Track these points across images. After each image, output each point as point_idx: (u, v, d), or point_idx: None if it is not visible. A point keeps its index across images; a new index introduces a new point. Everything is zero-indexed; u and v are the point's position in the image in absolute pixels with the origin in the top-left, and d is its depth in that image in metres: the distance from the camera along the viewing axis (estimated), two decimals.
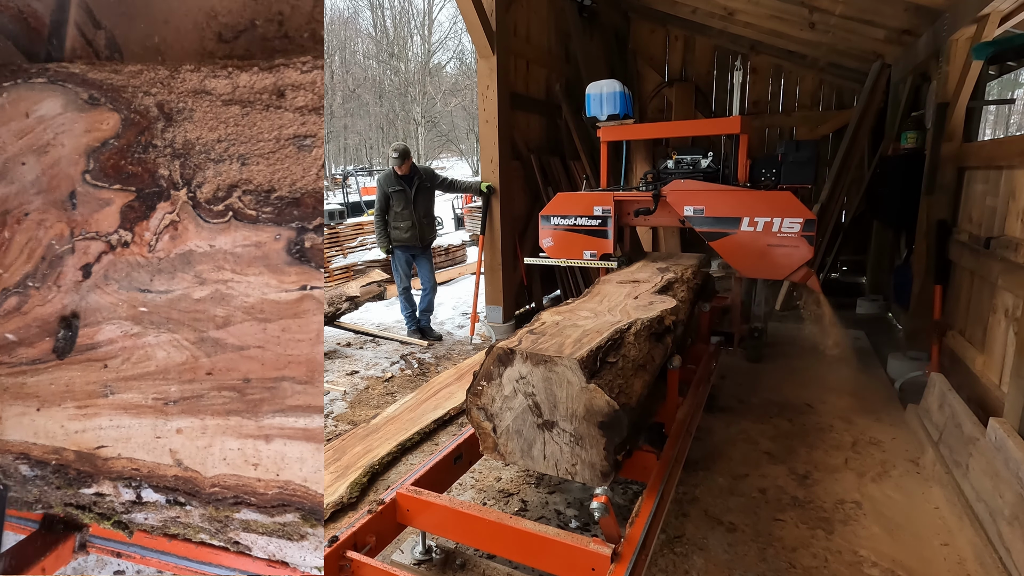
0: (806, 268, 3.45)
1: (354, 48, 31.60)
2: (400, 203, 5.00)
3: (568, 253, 4.15)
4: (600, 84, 4.34)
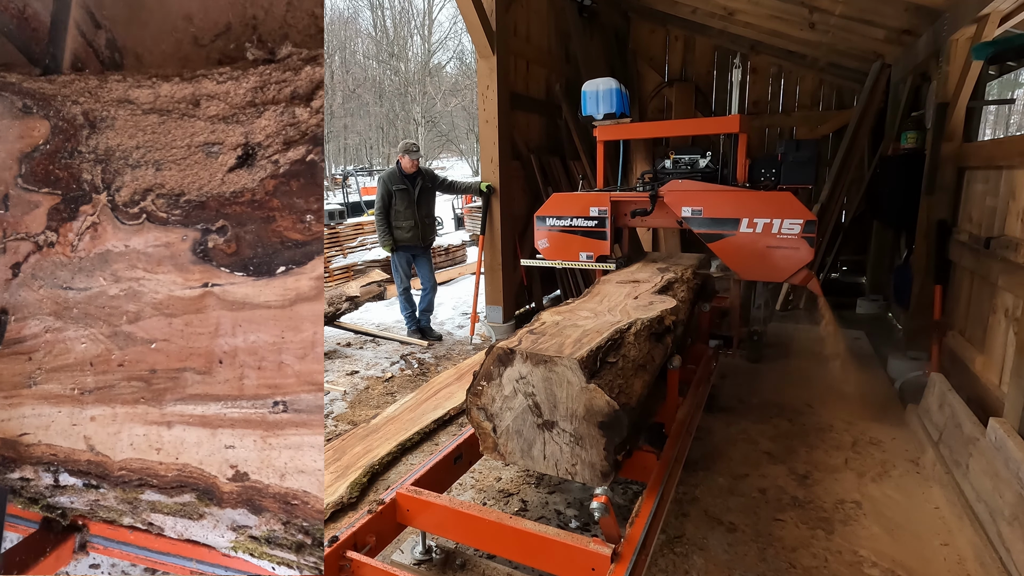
0: (806, 270, 3.38)
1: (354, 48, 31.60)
2: (403, 202, 5.01)
3: (564, 255, 4.09)
4: (596, 82, 4.25)
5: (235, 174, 1.37)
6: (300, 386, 1.27)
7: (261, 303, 1.30)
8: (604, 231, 3.92)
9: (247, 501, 1.33)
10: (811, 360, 4.54)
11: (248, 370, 1.33)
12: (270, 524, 1.31)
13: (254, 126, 1.37)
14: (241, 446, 1.33)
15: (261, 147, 1.37)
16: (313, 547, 1.23)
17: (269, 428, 1.30)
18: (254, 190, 1.34)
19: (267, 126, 1.37)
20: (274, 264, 1.31)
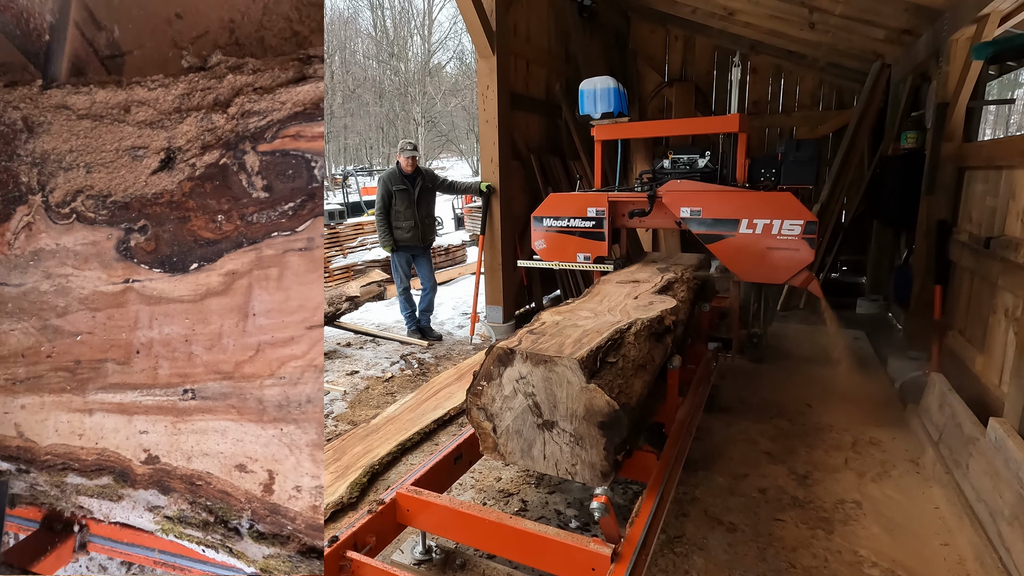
0: (807, 272, 3.33)
1: (354, 48, 31.60)
2: (403, 202, 5.00)
3: (561, 256, 4.03)
4: (594, 81, 4.20)
5: (157, 176, 1.44)
6: (208, 375, 1.34)
7: (175, 298, 1.38)
8: (602, 232, 3.87)
9: (157, 482, 1.41)
10: (811, 360, 4.54)
11: (162, 360, 1.41)
12: (179, 504, 1.38)
13: (176, 131, 1.44)
14: (153, 431, 1.42)
15: (181, 151, 1.43)
16: (216, 525, 1.28)
17: (179, 414, 1.39)
18: (173, 191, 1.41)
19: (188, 131, 1.43)
20: (188, 261, 1.38)
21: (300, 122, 1.33)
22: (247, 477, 1.29)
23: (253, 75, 1.43)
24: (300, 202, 1.33)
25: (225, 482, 1.31)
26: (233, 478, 1.30)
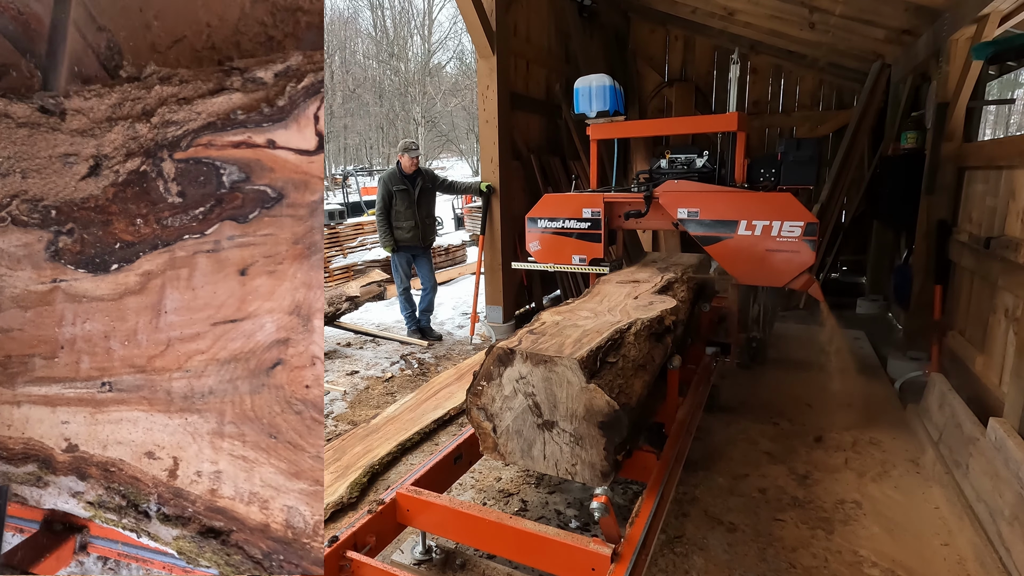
0: (807, 275, 3.23)
1: (354, 48, 31.60)
2: (403, 202, 5.00)
3: (556, 258, 3.93)
4: (589, 78, 4.09)
5: (85, 182, 1.51)
6: (123, 369, 1.43)
7: (97, 296, 1.46)
8: (598, 233, 3.76)
9: (75, 469, 1.49)
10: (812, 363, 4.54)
11: (83, 355, 1.50)
12: (96, 490, 1.45)
13: (105, 139, 1.51)
14: (74, 421, 1.50)
15: (107, 158, 1.51)
16: (128, 508, 1.37)
17: (97, 405, 1.47)
18: (98, 196, 1.49)
19: (115, 139, 1.51)
20: (110, 262, 1.46)
21: (212, 132, 1.40)
22: (155, 463, 1.38)
23: (179, 86, 1.50)
24: (209, 207, 1.40)
25: (136, 468, 1.39)
26: (143, 464, 1.38)
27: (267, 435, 1.33)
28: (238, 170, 1.39)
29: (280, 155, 1.37)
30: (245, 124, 1.39)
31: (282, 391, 1.32)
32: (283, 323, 1.34)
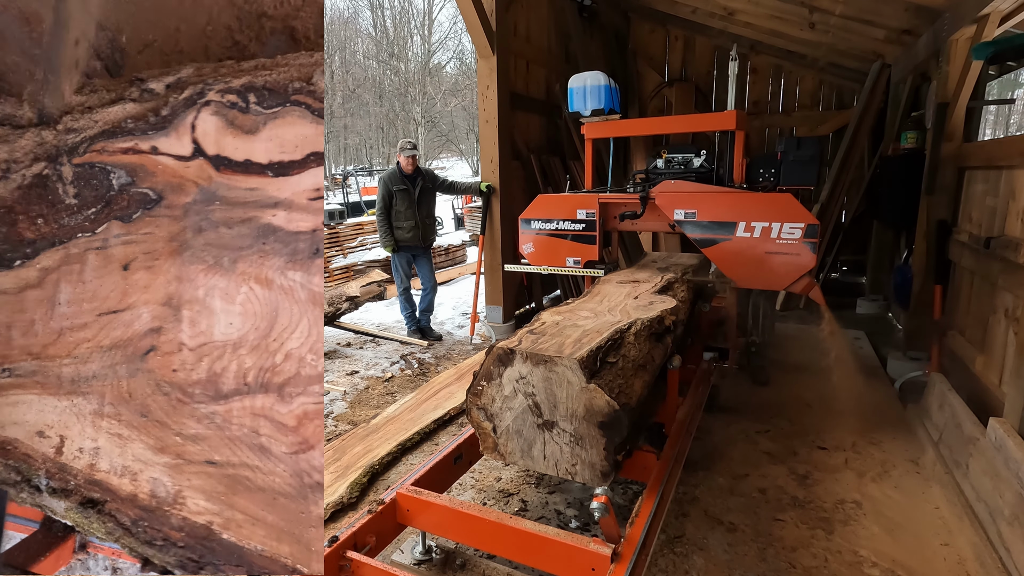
0: (808, 278, 3.14)
1: (354, 48, 31.61)
2: (404, 202, 5.00)
3: (550, 260, 3.84)
4: (583, 76, 3.99)
5: None
6: (21, 356, 1.52)
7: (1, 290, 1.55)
8: (593, 235, 3.67)
9: None
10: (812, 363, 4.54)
11: None
12: None
13: (16, 145, 1.59)
14: None
15: (17, 162, 1.58)
16: (23, 483, 1.48)
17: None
18: (5, 198, 1.57)
19: (26, 145, 1.59)
20: (14, 258, 1.55)
21: (106, 139, 1.53)
22: (44, 442, 1.48)
23: (87, 96, 1.60)
24: (100, 208, 1.52)
25: (28, 446, 1.49)
26: (34, 443, 1.48)
27: (139, 415, 1.45)
28: (126, 174, 1.51)
29: (161, 160, 1.49)
30: (133, 132, 1.51)
31: (153, 375, 1.45)
32: (157, 313, 1.46)
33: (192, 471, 1.41)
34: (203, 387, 1.42)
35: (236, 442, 1.40)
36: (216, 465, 1.40)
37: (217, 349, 1.42)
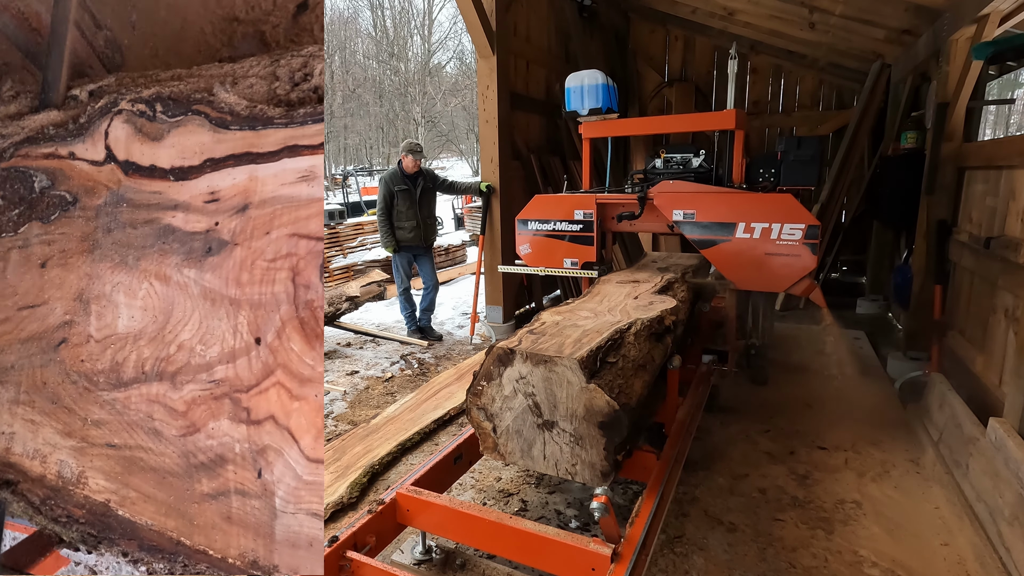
0: (808, 280, 3.08)
1: (354, 48, 31.62)
2: (405, 203, 5.00)
3: (547, 261, 3.77)
4: (580, 75, 3.94)
5: None
6: None
7: None
8: (590, 236, 3.60)
9: None
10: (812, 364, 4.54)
11: None
12: None
13: None
14: None
15: None
16: None
17: None
18: None
19: None
20: None
21: (30, 144, 1.62)
22: None
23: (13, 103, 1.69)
24: (22, 209, 1.61)
25: None
26: None
27: (50, 402, 1.53)
28: (46, 178, 1.60)
29: (77, 165, 1.57)
30: (54, 138, 1.60)
31: (64, 364, 1.52)
32: (69, 308, 1.55)
33: (94, 453, 1.49)
34: (106, 376, 1.49)
35: (133, 426, 1.46)
36: (115, 447, 1.47)
37: (120, 341, 1.49)
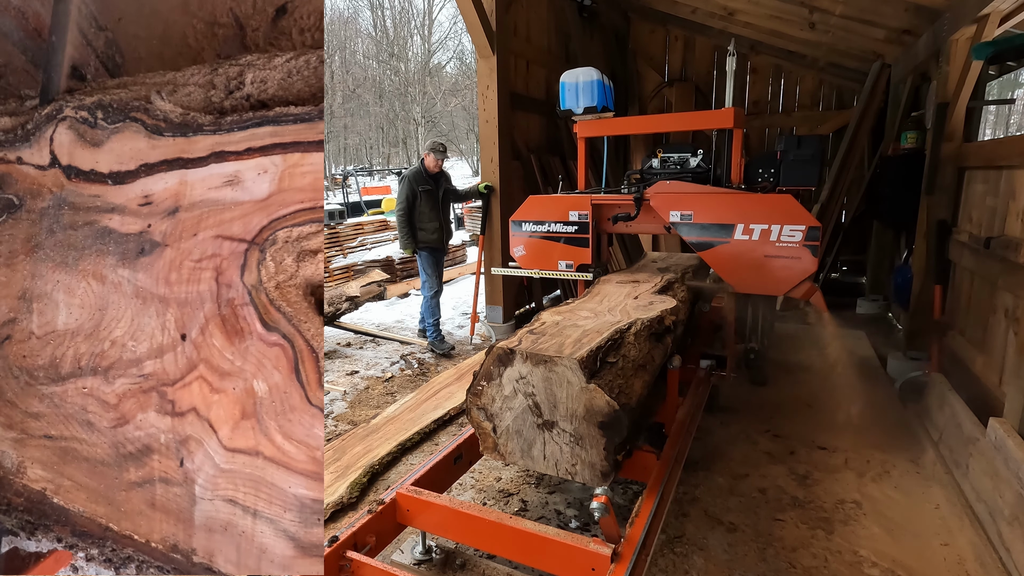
0: (809, 283, 3.00)
1: (354, 48, 31.62)
2: (428, 203, 4.86)
3: (542, 263, 3.67)
4: (575, 73, 3.83)
5: None
6: None
7: None
8: (585, 237, 3.51)
9: None
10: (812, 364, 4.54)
11: None
12: None
13: None
14: None
15: None
16: None
17: None
18: None
19: None
20: None
21: None
22: None
23: None
24: None
25: None
26: None
27: None
28: None
29: (24, 169, 1.62)
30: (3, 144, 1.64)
31: (8, 360, 1.56)
32: (13, 306, 1.59)
33: (33, 444, 1.53)
34: (46, 371, 1.53)
35: (69, 418, 1.51)
36: (52, 439, 1.52)
37: (59, 337, 1.53)
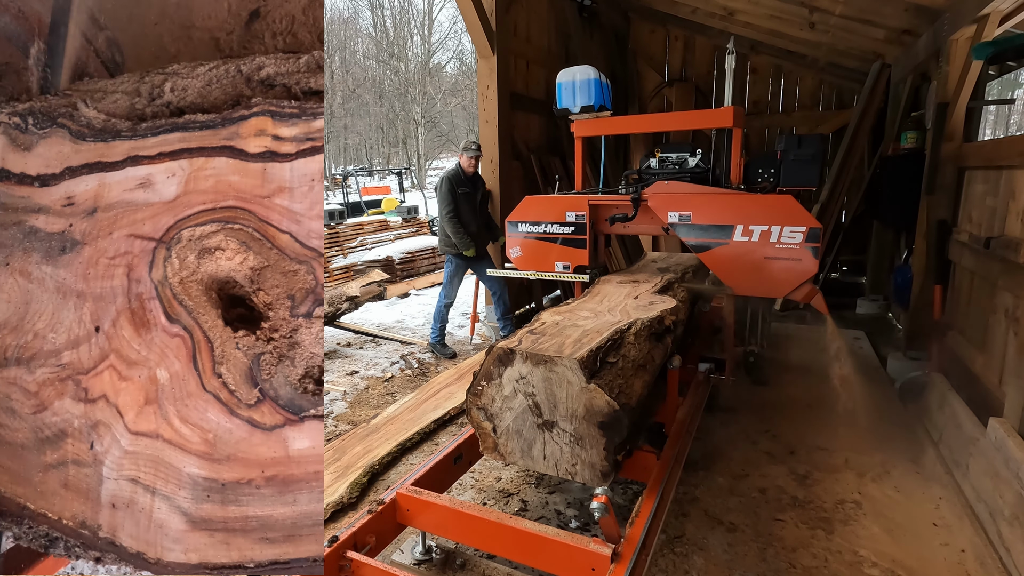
0: (809, 285, 2.95)
1: (354, 48, 31.63)
2: (468, 206, 4.61)
3: (538, 264, 3.61)
4: (572, 71, 3.79)
5: None
6: None
7: None
8: (583, 239, 3.46)
9: None
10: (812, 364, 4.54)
11: None
12: None
13: None
14: None
15: None
16: None
17: None
18: None
19: None
20: None
21: None
22: None
23: None
24: None
25: None
26: None
27: None
28: None
29: None
30: None
31: None
32: None
33: None
34: None
35: None
36: None
37: None
